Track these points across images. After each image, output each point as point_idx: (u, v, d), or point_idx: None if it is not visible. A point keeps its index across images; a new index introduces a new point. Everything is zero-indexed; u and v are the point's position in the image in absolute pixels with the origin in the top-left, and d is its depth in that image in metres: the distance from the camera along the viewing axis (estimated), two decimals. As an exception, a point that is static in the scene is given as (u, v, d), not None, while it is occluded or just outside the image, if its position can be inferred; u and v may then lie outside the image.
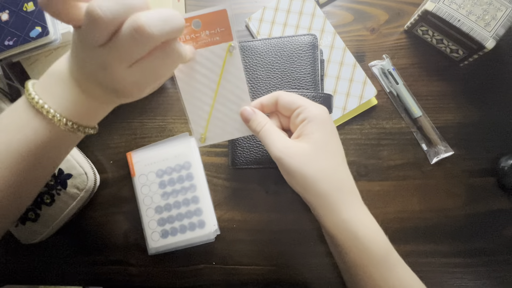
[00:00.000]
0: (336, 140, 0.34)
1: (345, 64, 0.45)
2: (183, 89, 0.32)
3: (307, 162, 0.32)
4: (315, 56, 0.42)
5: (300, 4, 0.47)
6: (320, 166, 0.32)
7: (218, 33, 0.30)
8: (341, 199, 0.32)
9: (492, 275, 0.44)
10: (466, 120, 0.46)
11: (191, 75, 0.31)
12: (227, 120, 0.33)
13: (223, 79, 0.31)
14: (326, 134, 0.33)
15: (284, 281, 0.45)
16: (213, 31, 0.29)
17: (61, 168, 0.43)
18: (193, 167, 0.45)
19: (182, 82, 0.31)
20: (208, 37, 0.30)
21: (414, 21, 0.45)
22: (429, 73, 0.47)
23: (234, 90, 0.32)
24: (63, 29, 0.39)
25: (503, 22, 0.40)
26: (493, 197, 0.45)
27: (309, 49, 0.42)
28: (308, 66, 0.41)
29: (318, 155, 0.32)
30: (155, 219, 0.44)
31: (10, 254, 0.47)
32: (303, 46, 0.42)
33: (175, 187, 0.44)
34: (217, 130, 0.33)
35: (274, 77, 0.42)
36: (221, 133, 0.34)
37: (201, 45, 0.30)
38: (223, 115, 0.33)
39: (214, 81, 0.32)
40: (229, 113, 0.33)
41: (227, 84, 0.32)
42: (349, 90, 0.45)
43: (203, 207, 0.44)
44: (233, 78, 0.32)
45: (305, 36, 0.42)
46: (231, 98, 0.32)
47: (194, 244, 0.43)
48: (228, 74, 0.31)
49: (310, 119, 0.33)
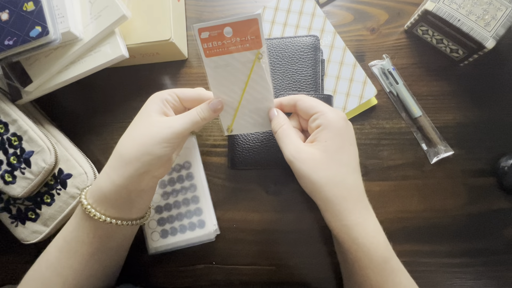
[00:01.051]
0: (349, 149, 0.34)
1: (345, 64, 0.45)
2: (213, 86, 0.34)
3: (316, 168, 0.32)
4: (316, 57, 0.42)
5: (300, 4, 0.47)
6: (328, 173, 0.32)
7: (249, 40, 0.31)
8: (346, 207, 0.32)
9: (492, 275, 0.44)
10: (466, 120, 0.46)
11: (222, 76, 0.33)
12: (252, 115, 0.36)
13: (251, 80, 0.34)
14: (338, 143, 0.33)
15: (284, 281, 0.45)
16: (243, 38, 0.31)
17: (61, 168, 0.43)
18: (193, 167, 0.45)
19: (213, 80, 0.34)
20: (238, 44, 0.31)
21: (414, 21, 0.45)
22: (429, 73, 0.47)
23: (260, 90, 0.34)
24: (63, 29, 0.39)
25: (503, 22, 0.40)
26: (493, 197, 0.45)
27: (311, 50, 0.42)
28: (309, 67, 0.41)
29: (328, 162, 0.33)
30: (155, 218, 0.44)
31: (10, 254, 0.47)
32: (305, 47, 0.42)
33: (175, 186, 0.44)
34: (243, 122, 0.37)
35: (275, 78, 0.42)
36: (245, 125, 0.37)
37: (230, 51, 0.32)
38: (249, 111, 0.36)
39: (243, 81, 0.34)
40: (254, 109, 0.36)
41: (254, 85, 0.34)
42: (349, 90, 0.45)
43: (203, 207, 0.44)
44: (260, 80, 0.34)
45: (307, 37, 0.42)
46: (257, 97, 0.35)
47: (194, 244, 0.43)
48: (256, 75, 0.33)
49: (324, 126, 0.33)
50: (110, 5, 0.40)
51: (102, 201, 0.34)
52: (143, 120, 0.35)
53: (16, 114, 0.42)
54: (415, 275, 0.33)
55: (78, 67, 0.41)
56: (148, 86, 0.48)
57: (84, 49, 0.41)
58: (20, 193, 0.40)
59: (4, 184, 0.41)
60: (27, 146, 0.41)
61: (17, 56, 0.39)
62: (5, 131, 0.42)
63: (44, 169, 0.40)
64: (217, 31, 0.30)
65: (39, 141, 0.41)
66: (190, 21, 0.50)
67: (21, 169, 0.41)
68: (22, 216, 0.43)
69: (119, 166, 0.33)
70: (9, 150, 0.42)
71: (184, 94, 0.37)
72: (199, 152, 0.46)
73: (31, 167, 0.40)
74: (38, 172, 0.40)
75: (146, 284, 0.45)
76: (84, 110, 0.49)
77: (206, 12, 0.50)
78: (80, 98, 0.49)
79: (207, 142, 0.47)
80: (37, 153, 0.40)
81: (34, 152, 0.41)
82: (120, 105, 0.48)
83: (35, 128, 0.42)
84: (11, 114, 0.42)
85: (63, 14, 0.39)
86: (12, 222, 0.43)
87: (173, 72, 0.49)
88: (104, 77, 0.45)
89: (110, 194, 0.33)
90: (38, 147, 0.41)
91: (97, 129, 0.48)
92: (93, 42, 0.41)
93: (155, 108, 0.35)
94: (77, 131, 0.48)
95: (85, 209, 0.34)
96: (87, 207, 0.34)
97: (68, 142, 0.45)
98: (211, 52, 0.32)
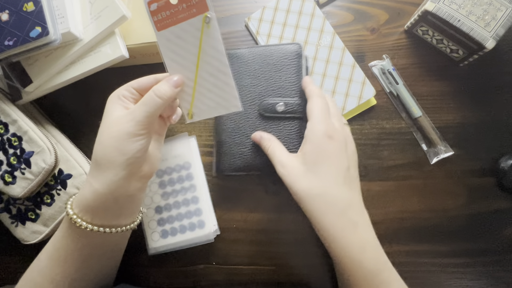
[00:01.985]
0: (330, 162, 0.34)
1: (344, 65, 0.45)
2: (169, 65, 0.32)
3: (296, 180, 0.33)
4: (299, 65, 0.42)
5: (300, 4, 0.47)
6: (306, 185, 0.33)
7: (194, 4, 0.30)
8: (327, 221, 0.33)
9: (492, 275, 0.44)
10: (466, 120, 0.46)
11: (175, 51, 0.32)
12: (211, 95, 0.33)
13: (203, 52, 0.31)
14: (317, 155, 0.33)
15: (284, 281, 0.45)
16: (189, 3, 0.30)
17: (61, 168, 0.43)
18: (193, 167, 0.45)
19: (168, 59, 0.32)
20: (185, 10, 0.30)
21: (414, 21, 0.45)
22: (429, 73, 0.47)
23: (214, 63, 0.32)
24: (63, 29, 0.39)
25: (503, 22, 0.40)
26: (493, 197, 0.45)
27: (294, 57, 0.42)
28: (293, 74, 0.42)
29: (306, 175, 0.33)
30: (155, 219, 0.44)
31: (10, 254, 0.47)
32: (288, 55, 0.42)
33: (175, 187, 0.44)
34: (202, 106, 0.33)
35: (260, 85, 0.42)
36: (206, 109, 0.34)
37: (180, 20, 0.31)
38: (206, 90, 0.33)
39: (195, 55, 0.32)
40: (211, 88, 0.33)
41: (206, 57, 0.32)
42: (348, 90, 0.45)
43: (203, 207, 0.44)
44: (212, 50, 0.31)
45: (290, 45, 0.43)
46: (213, 72, 0.32)
47: (193, 244, 0.43)
48: (207, 46, 0.31)
49: (307, 138, 0.34)
50: (110, 5, 0.40)
51: (88, 210, 0.33)
52: (106, 122, 0.33)
53: (16, 115, 0.42)
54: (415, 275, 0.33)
55: (78, 67, 0.41)
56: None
57: (84, 49, 0.41)
58: (20, 194, 0.40)
59: (4, 185, 0.41)
60: (27, 146, 0.41)
61: (17, 56, 0.39)
62: (5, 131, 0.42)
63: (44, 170, 0.40)
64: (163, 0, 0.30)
65: (39, 141, 0.41)
66: (190, 21, 0.50)
67: (21, 169, 0.41)
68: (22, 216, 0.43)
69: (97, 174, 0.32)
70: (9, 150, 0.42)
71: (139, 83, 0.34)
72: (199, 152, 0.46)
73: (31, 167, 0.40)
74: (38, 172, 0.40)
75: (146, 284, 0.45)
76: (84, 110, 0.49)
77: (206, 12, 0.50)
78: (80, 98, 0.49)
79: (207, 143, 0.47)
80: (37, 154, 0.41)
81: (34, 153, 0.41)
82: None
83: (35, 128, 0.42)
84: (11, 115, 0.42)
85: (63, 15, 0.39)
86: (12, 223, 0.43)
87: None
88: (104, 78, 0.45)
89: (94, 203, 0.32)
90: (38, 148, 0.41)
91: (97, 129, 0.48)
92: (93, 42, 0.41)
93: (114, 107, 0.33)
94: (77, 131, 0.48)
95: (70, 219, 0.32)
96: (72, 217, 0.32)
97: (68, 142, 0.45)
98: (162, 25, 0.31)
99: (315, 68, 0.46)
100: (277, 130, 0.41)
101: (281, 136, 0.41)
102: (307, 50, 0.46)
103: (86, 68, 0.41)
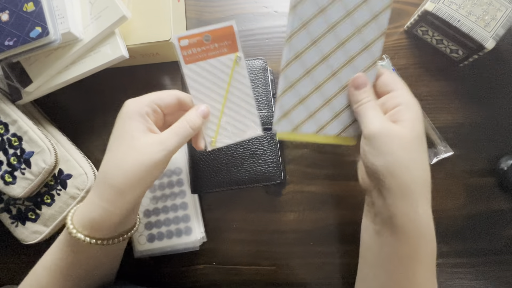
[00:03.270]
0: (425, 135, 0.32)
1: (345, 64, 0.45)
2: (195, 97, 0.35)
3: (404, 147, 0.30)
4: (266, 78, 0.43)
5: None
6: (413, 155, 0.30)
7: (226, 45, 0.34)
8: (422, 193, 0.30)
9: (492, 275, 0.44)
10: (466, 120, 0.46)
11: (202, 84, 0.35)
12: (235, 123, 0.36)
13: (231, 86, 0.35)
14: (421, 126, 0.31)
15: (284, 281, 0.45)
16: (221, 43, 0.34)
17: (61, 168, 0.43)
18: (184, 173, 0.45)
19: (194, 90, 0.34)
20: (217, 49, 0.34)
21: (414, 21, 0.45)
22: (429, 73, 0.47)
23: (241, 95, 0.35)
24: (63, 30, 0.39)
25: (503, 22, 0.40)
26: (493, 197, 0.45)
27: (260, 72, 0.43)
28: (260, 88, 0.43)
29: (414, 144, 0.31)
30: (143, 222, 0.44)
31: (10, 254, 0.47)
32: (254, 70, 0.43)
33: (164, 191, 0.44)
34: (226, 133, 0.36)
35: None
36: (229, 136, 0.37)
37: (210, 56, 0.34)
38: (231, 119, 0.36)
39: (223, 88, 0.35)
40: (236, 116, 0.36)
41: (235, 90, 0.35)
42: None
43: (191, 213, 0.44)
44: (240, 85, 0.35)
45: (255, 61, 0.43)
46: (239, 103, 0.36)
47: (179, 250, 0.43)
48: (235, 81, 0.35)
49: (408, 106, 0.31)
50: (110, 5, 0.40)
51: (93, 227, 0.32)
52: (126, 143, 0.31)
53: (16, 115, 0.42)
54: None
55: (78, 67, 0.41)
56: (147, 87, 0.48)
57: (84, 49, 0.41)
58: (20, 194, 0.40)
59: (4, 185, 0.41)
60: (27, 146, 0.41)
61: (17, 56, 0.39)
62: (5, 131, 0.42)
63: (44, 170, 0.40)
64: (196, 38, 0.33)
65: (39, 141, 0.41)
66: (190, 22, 0.50)
67: (21, 169, 0.41)
68: (22, 216, 0.43)
69: (114, 199, 0.31)
70: (9, 150, 0.42)
71: (163, 101, 0.33)
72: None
73: (31, 167, 0.40)
74: (38, 172, 0.40)
75: (146, 284, 0.45)
76: (84, 110, 0.49)
77: (206, 13, 0.50)
78: (80, 98, 0.49)
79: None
80: (37, 154, 0.41)
81: (34, 153, 0.41)
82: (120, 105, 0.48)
83: (35, 128, 0.42)
84: (11, 115, 0.42)
85: (63, 15, 0.39)
86: (12, 223, 0.43)
87: (173, 72, 0.49)
88: (104, 78, 0.45)
89: (104, 222, 0.31)
90: (38, 148, 0.41)
91: (97, 130, 0.48)
92: (93, 42, 0.41)
93: (136, 127, 0.31)
94: (77, 131, 0.48)
95: (74, 237, 0.31)
96: (77, 235, 0.31)
97: (68, 142, 0.46)
98: (190, 59, 0.34)
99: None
100: (250, 142, 0.42)
101: (255, 148, 0.42)
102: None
103: (86, 68, 0.41)
